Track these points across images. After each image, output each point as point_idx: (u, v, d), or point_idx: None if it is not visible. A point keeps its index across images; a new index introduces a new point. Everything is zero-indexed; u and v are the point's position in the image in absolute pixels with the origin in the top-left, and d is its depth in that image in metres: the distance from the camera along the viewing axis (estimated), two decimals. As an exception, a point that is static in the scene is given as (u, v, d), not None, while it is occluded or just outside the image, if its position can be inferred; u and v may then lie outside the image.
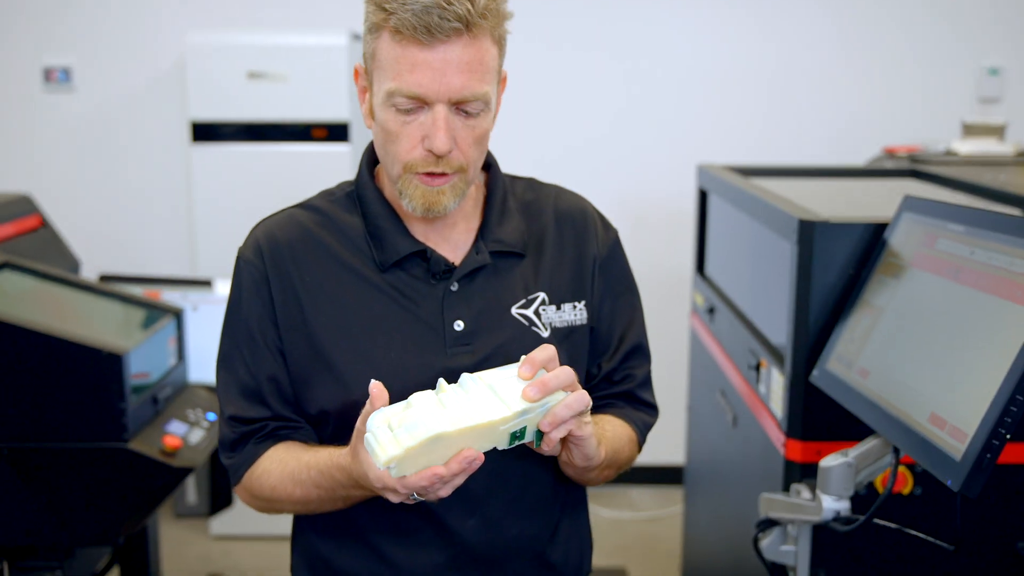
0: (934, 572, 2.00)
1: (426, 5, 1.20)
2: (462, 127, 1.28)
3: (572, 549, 1.50)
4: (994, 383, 1.31)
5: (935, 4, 4.08)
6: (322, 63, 3.69)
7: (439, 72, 1.23)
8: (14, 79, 4.06)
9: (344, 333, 1.36)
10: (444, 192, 1.31)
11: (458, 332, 1.37)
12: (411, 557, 1.39)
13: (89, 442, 2.31)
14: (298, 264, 1.38)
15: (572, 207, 1.50)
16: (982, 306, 1.41)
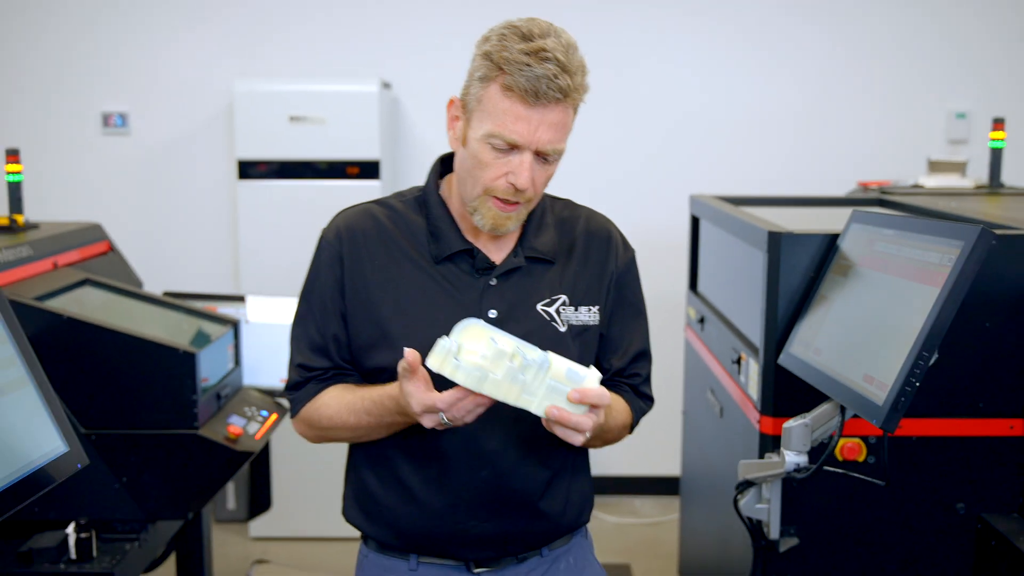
0: (888, 529, 2.35)
1: (538, 75, 1.49)
2: (539, 170, 1.58)
3: (562, 502, 1.75)
4: (907, 345, 1.69)
5: (909, 54, 4.49)
6: (356, 108, 4.09)
7: (534, 127, 1.53)
8: (75, 124, 4.48)
9: (400, 309, 1.65)
10: (511, 217, 1.61)
11: (491, 319, 1.64)
12: (432, 497, 1.66)
13: (165, 429, 2.65)
14: (368, 249, 1.67)
15: (599, 227, 1.78)
16: (902, 289, 1.80)
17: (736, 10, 4.48)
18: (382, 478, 1.71)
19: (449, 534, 1.69)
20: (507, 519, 1.69)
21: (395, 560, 1.74)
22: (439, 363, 1.44)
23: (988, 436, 2.30)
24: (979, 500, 2.32)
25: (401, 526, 1.70)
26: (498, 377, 1.45)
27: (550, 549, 1.78)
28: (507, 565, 1.74)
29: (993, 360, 2.27)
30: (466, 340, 1.46)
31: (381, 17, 4.47)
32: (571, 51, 1.55)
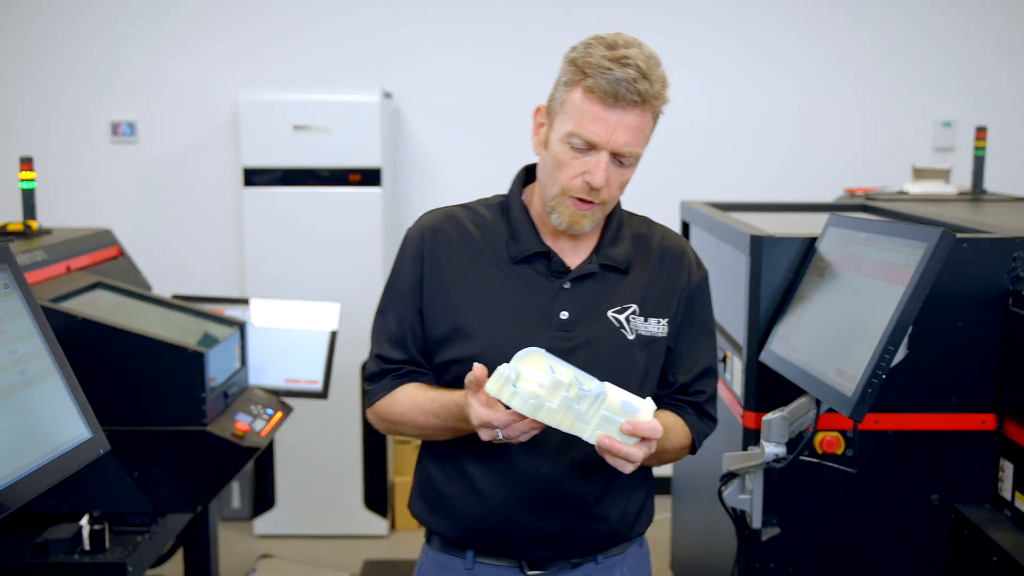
0: (866, 520, 2.46)
1: (618, 78, 1.56)
2: (615, 172, 1.64)
3: (620, 509, 1.78)
4: (875, 340, 1.80)
5: (897, 65, 4.62)
6: (358, 117, 4.22)
7: (612, 128, 1.59)
8: (85, 133, 4.61)
9: (475, 306, 1.71)
10: (586, 216, 1.66)
11: (562, 320, 1.69)
12: (493, 490, 1.71)
13: (175, 426, 2.74)
14: (449, 249, 1.74)
15: (674, 245, 1.83)
16: (872, 288, 1.91)
17: (728, 21, 4.61)
18: (447, 471, 1.77)
19: (506, 528, 1.73)
20: (562, 518, 1.73)
21: (453, 559, 1.79)
22: (497, 388, 1.50)
23: (961, 430, 2.41)
24: (953, 491, 2.43)
25: (461, 517, 1.75)
26: (553, 406, 1.50)
27: (605, 556, 1.80)
28: (561, 569, 1.77)
29: (965, 358, 2.39)
30: (526, 367, 1.51)
31: (382, 29, 4.60)
32: (652, 61, 1.62)
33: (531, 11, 4.50)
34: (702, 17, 4.60)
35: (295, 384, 3.34)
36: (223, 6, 4.58)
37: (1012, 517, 2.32)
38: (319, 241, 4.26)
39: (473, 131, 4.64)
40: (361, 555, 4.17)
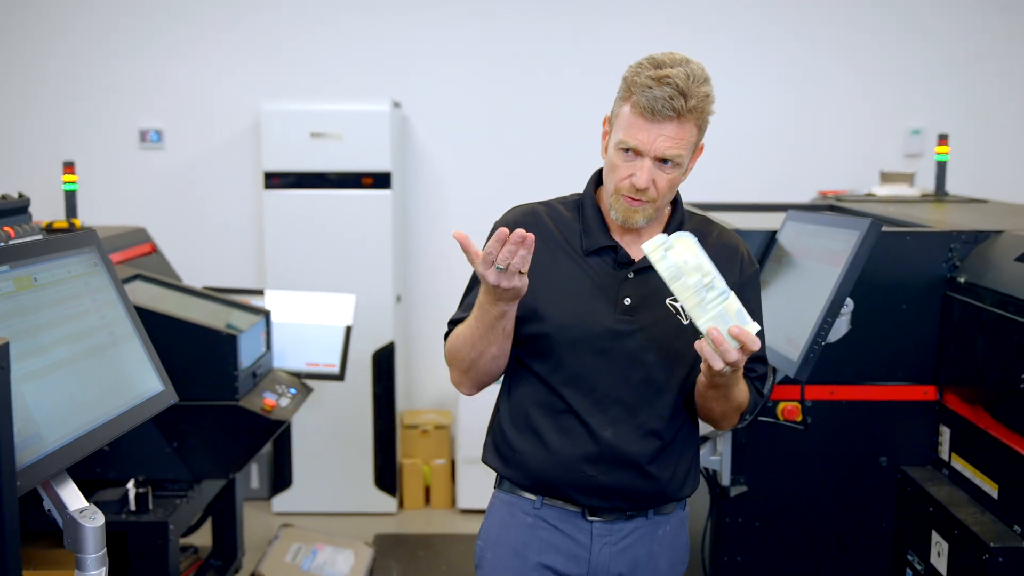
0: (823, 479, 2.78)
1: (656, 96, 1.76)
2: (659, 174, 1.82)
3: (670, 471, 1.95)
4: (816, 312, 2.14)
5: (869, 77, 4.94)
6: (370, 125, 4.54)
7: (653, 138, 1.79)
8: (114, 140, 4.95)
9: (550, 288, 1.90)
10: (638, 212, 1.85)
11: (626, 305, 1.88)
12: (562, 446, 1.91)
13: (210, 401, 3.04)
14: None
15: (728, 242, 2.00)
16: (816, 270, 2.25)
17: (712, 36, 4.93)
18: (520, 429, 1.96)
19: (570, 480, 1.91)
20: (620, 475, 1.90)
21: (522, 500, 1.98)
22: (652, 248, 1.70)
23: (906, 400, 2.74)
24: (898, 454, 2.76)
25: (532, 469, 1.94)
26: (688, 282, 1.67)
27: (655, 513, 1.98)
28: (617, 519, 1.95)
29: (909, 336, 2.71)
30: (679, 244, 1.70)
31: (391, 44, 4.93)
32: (694, 80, 1.80)
33: (530, 28, 4.84)
34: (689, 33, 4.93)
35: (315, 367, 3.66)
36: (244, 23, 4.91)
37: (949, 475, 2.65)
38: (333, 239, 4.58)
39: (475, 137, 4.96)
40: (372, 530, 4.49)
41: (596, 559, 1.95)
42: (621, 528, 1.96)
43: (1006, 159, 4.97)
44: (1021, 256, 2.46)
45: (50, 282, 1.72)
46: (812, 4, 4.94)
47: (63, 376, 1.66)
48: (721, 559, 2.82)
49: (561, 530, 1.96)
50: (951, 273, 2.68)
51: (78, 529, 1.60)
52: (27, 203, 2.99)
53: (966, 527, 2.35)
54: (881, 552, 2.78)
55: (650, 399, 1.90)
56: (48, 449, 1.56)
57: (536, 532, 1.97)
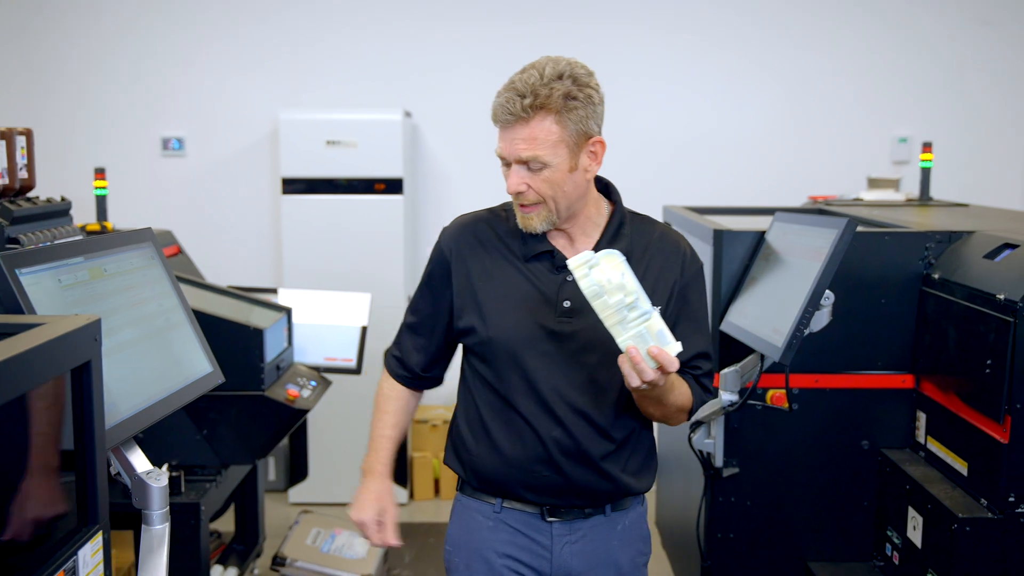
0: (809, 461, 2.99)
1: (499, 104, 1.84)
2: (532, 177, 1.86)
3: (621, 467, 1.99)
4: (799, 303, 2.36)
5: (859, 87, 5.17)
6: (383, 133, 4.76)
7: (508, 144, 1.85)
8: (137, 148, 5.18)
9: (492, 295, 1.96)
10: (531, 217, 1.90)
11: (565, 308, 1.93)
12: (513, 448, 1.96)
13: (238, 391, 3.22)
14: (472, 248, 2.01)
15: (669, 241, 2.01)
16: (800, 266, 2.47)
17: (708, 45, 5.16)
18: (474, 432, 2.01)
19: (525, 481, 1.95)
20: (574, 473, 1.95)
21: (483, 504, 2.03)
22: (576, 265, 1.72)
23: (885, 388, 2.96)
24: (879, 438, 2.98)
25: (487, 471, 1.99)
26: (609, 301, 1.69)
27: (612, 510, 2.02)
28: (576, 518, 1.99)
29: (888, 329, 2.94)
30: (605, 262, 1.71)
31: (404, 57, 5.16)
32: (542, 78, 1.82)
33: (535, 39, 5.08)
34: (685, 42, 5.16)
35: (333, 361, 3.88)
36: (261, 38, 5.14)
37: (925, 457, 2.86)
38: (348, 242, 4.81)
39: (481, 145, 5.17)
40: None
41: (558, 558, 2.00)
42: (580, 526, 2.00)
43: (988, 165, 5.20)
44: (988, 254, 2.68)
45: (117, 272, 1.94)
46: (806, 20, 5.17)
47: (129, 355, 1.88)
48: (715, 536, 3.03)
49: (522, 532, 2.00)
50: (926, 270, 2.90)
51: (146, 489, 1.82)
52: (69, 206, 3.22)
53: (938, 501, 2.57)
54: (863, 528, 3.00)
55: (595, 398, 1.94)
56: (121, 418, 1.77)
57: (498, 535, 2.01)
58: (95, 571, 1.49)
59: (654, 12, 5.14)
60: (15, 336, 1.37)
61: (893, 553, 2.84)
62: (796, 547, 3.03)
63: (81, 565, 1.44)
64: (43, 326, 1.44)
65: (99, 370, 1.50)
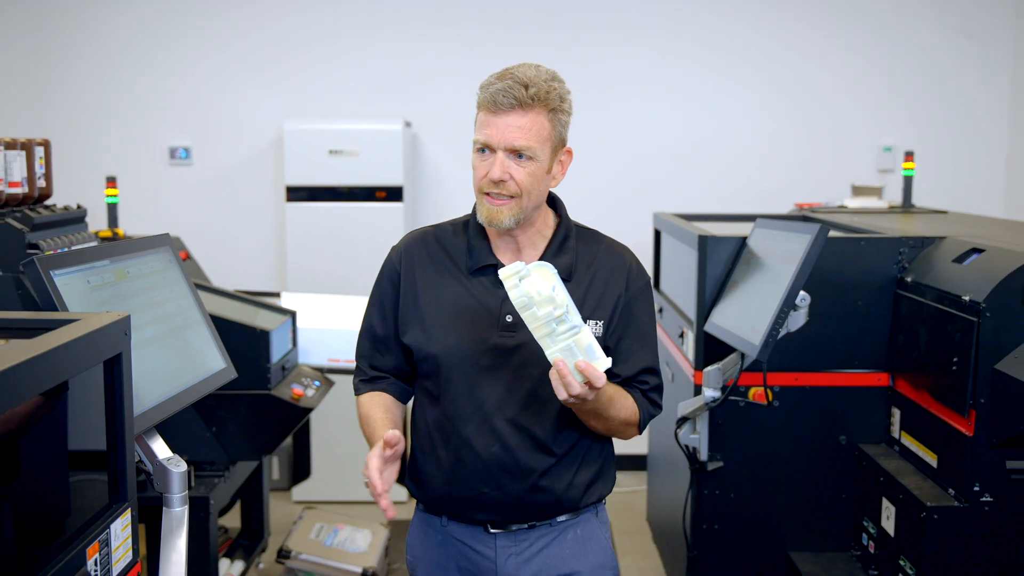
0: (790, 455, 3.14)
1: (497, 89, 1.84)
2: (516, 168, 1.85)
3: (565, 484, 1.96)
4: (775, 303, 2.51)
5: (845, 97, 5.32)
6: (383, 143, 4.91)
7: (501, 130, 1.85)
8: (145, 157, 5.34)
9: (437, 310, 1.96)
10: (502, 211, 1.87)
11: (507, 322, 1.91)
12: (455, 465, 1.94)
13: (245, 390, 3.35)
14: (421, 262, 2.01)
15: (615, 255, 2.00)
16: (776, 268, 2.63)
17: (699, 57, 5.32)
18: (423, 451, 2.02)
19: (465, 497, 1.94)
20: (511, 489, 1.93)
21: (433, 518, 2.04)
22: (507, 276, 1.70)
23: (862, 386, 3.11)
24: (856, 433, 3.13)
25: (433, 490, 1.99)
26: (538, 313, 1.68)
27: (559, 519, 1.99)
28: (519, 530, 1.97)
29: (864, 329, 3.09)
30: (536, 274, 1.70)
31: (403, 69, 5.32)
32: (538, 74, 1.86)
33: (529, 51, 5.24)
34: (675, 55, 5.32)
35: (336, 363, 4.03)
36: (267, 50, 5.30)
37: (899, 451, 3.01)
38: (350, 248, 4.96)
39: (480, 155, 5.35)
40: (384, 517, 4.83)
41: (503, 570, 1.98)
42: (525, 537, 1.98)
43: (971, 173, 5.36)
44: (957, 258, 2.84)
45: (139, 275, 2.10)
46: (796, 34, 5.32)
47: (151, 351, 2.04)
48: (700, 528, 3.18)
49: (468, 545, 2.00)
50: (900, 273, 3.05)
51: (167, 474, 1.97)
52: (84, 214, 3.38)
53: (909, 492, 2.72)
54: (841, 519, 3.15)
55: (536, 413, 1.92)
56: (144, 408, 1.93)
57: (448, 548, 2.02)
58: (124, 544, 1.64)
59: (647, 25, 5.30)
60: (56, 330, 1.53)
61: (869, 542, 2.99)
62: (778, 538, 3.17)
63: (113, 537, 1.59)
64: (79, 322, 1.59)
65: (129, 362, 1.65)
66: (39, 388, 1.39)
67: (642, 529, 4.53)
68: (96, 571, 1.52)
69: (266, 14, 5.30)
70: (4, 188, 3.04)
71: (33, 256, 1.79)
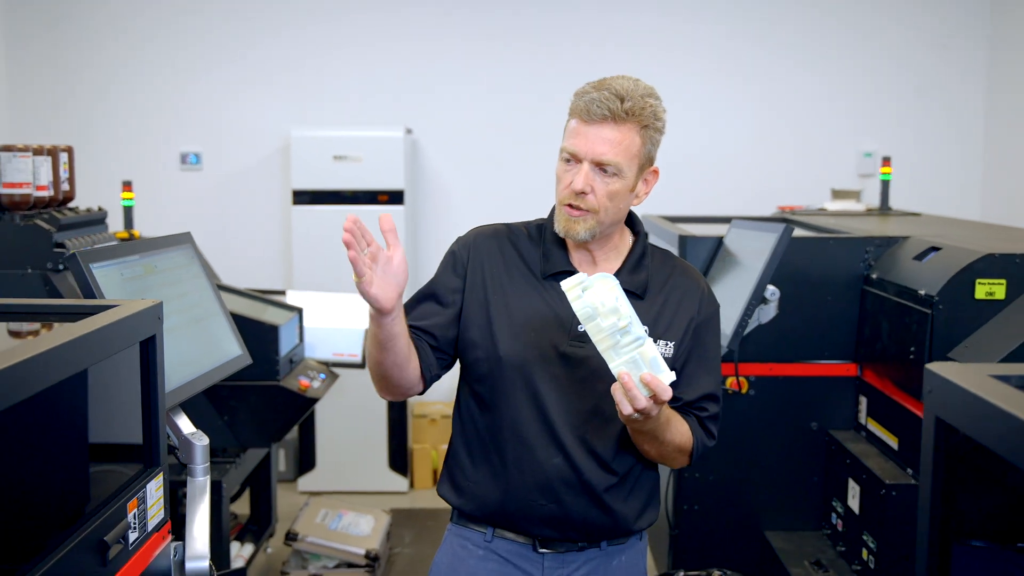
0: (765, 440, 3.37)
1: (592, 98, 1.77)
2: (599, 182, 1.78)
3: (622, 503, 1.89)
4: (745, 297, 2.74)
5: (827, 105, 5.56)
6: (385, 149, 5.14)
7: (590, 141, 1.78)
8: (157, 162, 5.57)
9: (507, 310, 1.88)
10: (578, 222, 1.81)
11: (578, 332, 1.83)
12: (513, 474, 1.87)
13: (256, 381, 3.55)
14: (491, 259, 1.92)
15: (690, 278, 1.94)
16: (746, 265, 2.85)
17: (691, 68, 5.55)
18: (474, 458, 1.93)
19: (521, 509, 1.86)
20: (571, 505, 1.86)
21: (474, 532, 1.94)
22: (570, 287, 1.67)
23: (832, 376, 3.33)
24: (826, 420, 3.35)
25: (485, 499, 1.90)
26: (602, 324, 1.64)
27: (609, 544, 1.91)
28: (569, 551, 1.89)
29: (833, 323, 3.31)
30: (599, 284, 1.66)
31: (405, 78, 5.55)
32: (635, 88, 1.81)
33: (529, 59, 5.47)
34: (664, 67, 5.55)
35: (340, 357, 4.25)
36: (273, 60, 5.53)
37: (866, 436, 3.24)
38: (353, 250, 5.18)
39: (477, 159, 5.58)
40: (386, 506, 5.04)
41: None
42: (573, 560, 1.91)
43: (946, 177, 5.58)
44: (917, 256, 3.06)
45: (164, 269, 2.32)
46: (780, 45, 5.55)
47: (176, 338, 2.26)
48: (681, 508, 3.40)
49: (512, 562, 1.92)
50: (867, 271, 3.28)
51: (191, 446, 2.19)
52: (105, 215, 3.62)
53: (871, 472, 2.94)
54: (812, 500, 3.37)
55: (599, 429, 1.85)
56: (171, 387, 2.15)
57: (486, 564, 1.93)
58: (157, 503, 1.86)
59: (639, 36, 5.53)
60: (99, 314, 1.75)
61: (837, 521, 3.21)
62: (754, 517, 3.40)
63: (148, 495, 1.82)
64: (118, 307, 1.82)
65: (162, 343, 1.87)
66: (88, 363, 1.61)
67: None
68: (134, 524, 1.75)
69: (273, 27, 5.53)
70: (33, 191, 3.28)
71: (75, 252, 2.02)
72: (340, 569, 3.99)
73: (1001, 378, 1.46)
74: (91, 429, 1.77)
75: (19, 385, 1.36)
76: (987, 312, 2.70)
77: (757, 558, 3.34)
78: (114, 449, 1.91)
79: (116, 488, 1.76)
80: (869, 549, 2.93)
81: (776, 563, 3.20)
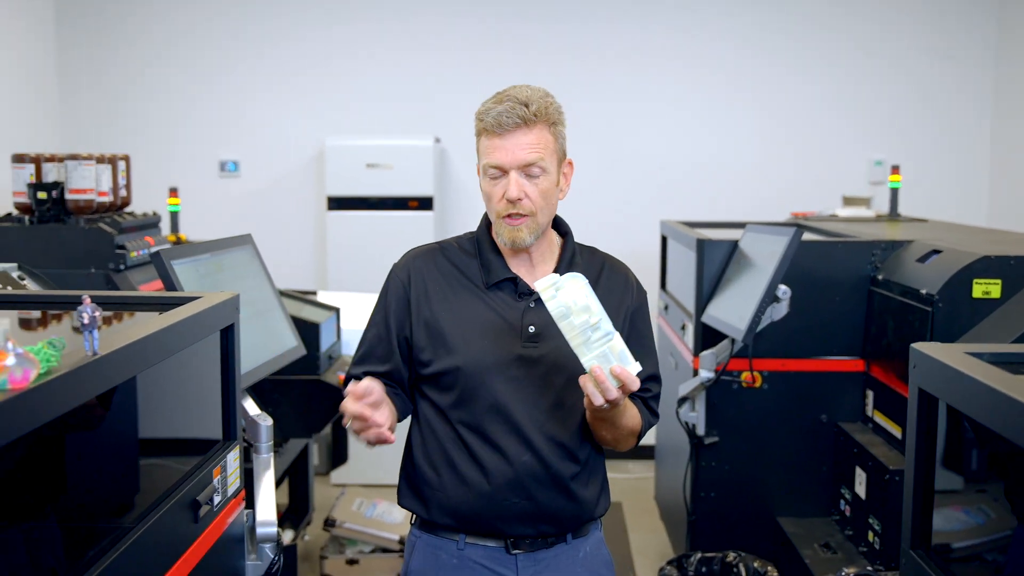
0: (777, 431, 3.57)
1: (500, 111, 1.87)
2: (529, 185, 1.87)
3: (584, 489, 1.97)
4: (758, 296, 2.96)
5: (839, 114, 5.77)
6: (415, 157, 5.39)
7: (511, 151, 1.86)
8: (197, 169, 5.84)
9: (457, 323, 1.94)
10: (521, 229, 1.89)
11: (531, 333, 1.92)
12: (481, 477, 1.91)
13: (298, 375, 3.75)
14: (431, 277, 1.99)
15: (618, 271, 2.06)
16: (759, 267, 3.07)
17: (704, 77, 5.78)
18: (436, 466, 1.96)
19: (494, 510, 1.91)
20: (543, 498, 1.93)
21: (446, 541, 1.98)
22: (543, 287, 1.75)
23: (840, 371, 3.54)
24: (835, 412, 3.55)
25: (454, 505, 1.93)
26: (575, 322, 1.72)
27: (574, 537, 2.00)
28: (539, 548, 1.96)
29: (842, 321, 3.52)
30: (569, 284, 1.75)
31: (433, 90, 5.79)
32: (532, 92, 1.90)
33: (545, 70, 5.71)
34: (682, 76, 5.78)
35: (375, 354, 4.47)
36: (310, 72, 5.79)
37: (873, 428, 3.45)
38: (385, 253, 5.27)
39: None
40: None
41: None
42: (543, 556, 1.97)
43: (953, 185, 5.78)
44: (920, 258, 3.27)
45: (231, 266, 2.57)
46: (793, 56, 5.77)
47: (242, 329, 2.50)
48: (698, 496, 3.62)
49: (487, 567, 1.96)
50: (873, 272, 3.49)
51: (256, 426, 2.42)
52: (159, 220, 3.87)
53: (876, 459, 3.15)
54: (822, 487, 3.58)
55: (563, 421, 1.93)
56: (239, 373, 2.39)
57: (461, 573, 1.97)
58: (234, 472, 2.10)
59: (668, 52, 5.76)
60: (184, 305, 1.99)
61: (845, 507, 3.42)
62: (767, 504, 3.60)
63: (228, 464, 2.06)
64: (200, 299, 2.06)
65: (238, 331, 2.11)
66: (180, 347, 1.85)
67: (651, 509, 4.96)
68: (218, 488, 1.99)
69: (309, 43, 5.80)
70: (95, 197, 3.54)
71: (159, 250, 2.27)
72: (376, 554, 4.22)
73: (975, 355, 1.69)
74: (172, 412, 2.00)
75: (134, 361, 1.60)
76: (984, 310, 2.90)
77: (770, 542, 3.54)
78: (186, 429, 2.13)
79: (205, 455, 2.00)
80: (875, 531, 3.13)
81: (788, 546, 3.41)
